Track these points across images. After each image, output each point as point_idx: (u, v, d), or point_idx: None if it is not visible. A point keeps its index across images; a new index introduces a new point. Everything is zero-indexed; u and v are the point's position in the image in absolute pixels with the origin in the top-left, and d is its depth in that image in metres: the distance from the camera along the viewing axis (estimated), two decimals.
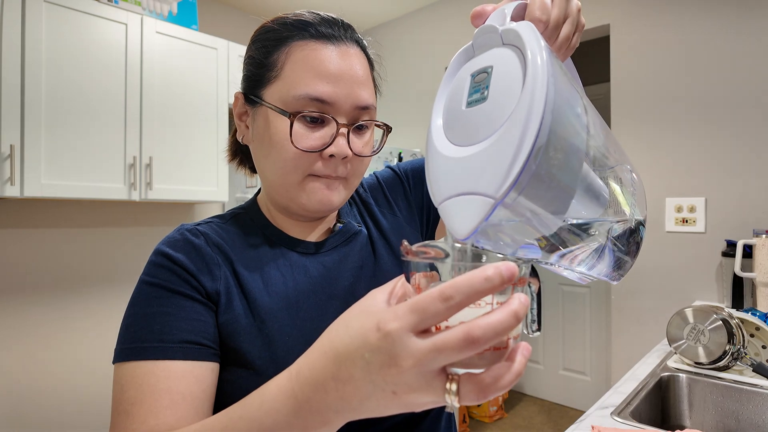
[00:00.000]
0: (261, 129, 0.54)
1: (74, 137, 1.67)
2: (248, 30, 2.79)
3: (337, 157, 0.52)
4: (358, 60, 0.54)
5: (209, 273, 0.51)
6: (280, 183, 0.54)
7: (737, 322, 1.02)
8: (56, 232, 1.92)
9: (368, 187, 0.71)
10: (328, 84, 0.51)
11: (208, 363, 0.47)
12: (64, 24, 1.65)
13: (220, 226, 0.57)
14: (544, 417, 2.87)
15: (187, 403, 0.44)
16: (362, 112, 0.53)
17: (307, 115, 0.50)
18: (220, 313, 0.50)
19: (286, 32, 0.53)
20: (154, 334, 0.46)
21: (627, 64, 1.95)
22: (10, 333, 1.80)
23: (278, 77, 0.52)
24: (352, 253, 0.60)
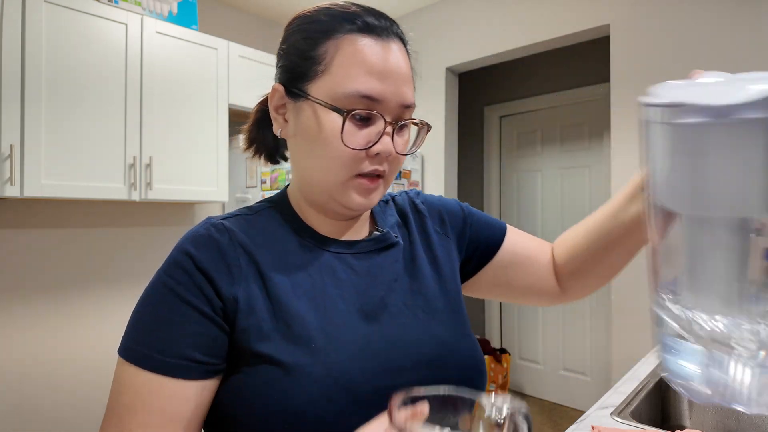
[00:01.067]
0: (306, 125, 0.52)
1: (74, 137, 1.67)
2: (248, 30, 2.80)
3: (382, 156, 0.52)
4: (402, 56, 0.53)
5: (229, 277, 0.49)
6: (323, 180, 0.53)
7: None
8: (56, 232, 1.92)
9: (426, 201, 0.70)
10: (377, 81, 0.50)
11: (202, 382, 0.47)
12: (64, 24, 1.65)
13: (247, 221, 0.55)
14: (544, 417, 2.87)
15: (175, 424, 0.46)
16: (406, 111, 0.53)
17: (358, 113, 0.49)
18: (240, 319, 0.48)
19: (335, 24, 0.51)
20: (157, 343, 0.46)
21: (627, 64, 1.95)
22: (9, 333, 1.80)
23: (326, 71, 0.50)
24: (386, 264, 0.58)
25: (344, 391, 0.47)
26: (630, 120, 1.93)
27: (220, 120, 2.12)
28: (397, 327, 0.54)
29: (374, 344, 0.51)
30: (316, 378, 0.46)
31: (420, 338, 0.54)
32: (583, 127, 2.97)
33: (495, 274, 0.69)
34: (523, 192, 3.26)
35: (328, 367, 0.47)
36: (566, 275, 0.68)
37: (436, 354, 0.54)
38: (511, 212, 3.31)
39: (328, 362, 0.48)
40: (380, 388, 0.48)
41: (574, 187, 3.01)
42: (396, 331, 0.53)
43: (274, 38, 2.79)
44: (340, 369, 0.48)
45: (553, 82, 3.08)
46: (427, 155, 2.69)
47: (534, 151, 3.20)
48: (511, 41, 2.31)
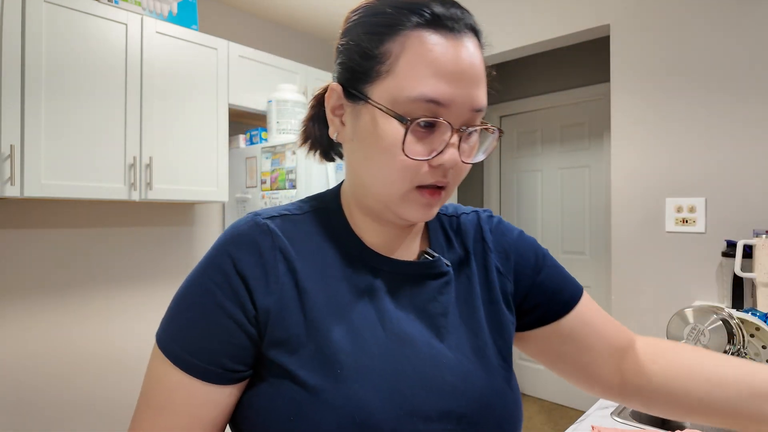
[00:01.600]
0: (365, 131, 0.48)
1: (74, 137, 1.67)
2: (248, 30, 2.80)
3: (446, 166, 0.47)
4: (476, 53, 0.47)
5: (266, 285, 0.47)
6: (381, 191, 0.49)
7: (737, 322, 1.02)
8: (56, 232, 1.92)
9: (497, 231, 0.62)
10: (447, 83, 0.44)
11: (229, 387, 0.47)
12: (64, 24, 1.65)
13: (293, 222, 0.52)
14: (544, 417, 2.87)
15: (202, 427, 0.46)
16: (476, 115, 0.47)
17: (422, 121, 0.45)
18: (271, 330, 0.47)
19: (401, 17, 0.45)
20: (190, 345, 0.46)
21: (627, 64, 1.95)
22: (9, 333, 1.80)
23: (390, 72, 0.45)
24: (435, 294, 0.53)
25: (362, 428, 0.44)
26: (630, 120, 1.94)
27: (220, 120, 2.12)
28: (434, 369, 0.49)
29: (404, 383, 0.47)
30: (334, 407, 0.44)
31: (458, 387, 0.49)
32: (583, 127, 2.97)
33: (548, 342, 0.60)
34: (523, 192, 3.26)
35: (349, 399, 0.45)
36: (649, 392, 0.57)
37: (472, 409, 0.49)
38: (511, 212, 3.31)
39: (350, 393, 0.45)
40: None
41: (574, 187, 3.01)
42: (432, 372, 0.48)
43: (274, 38, 2.79)
44: (361, 403, 0.45)
45: (553, 82, 3.08)
46: None
47: (534, 151, 3.20)
48: (511, 41, 2.31)
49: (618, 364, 0.59)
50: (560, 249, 3.06)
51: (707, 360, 0.55)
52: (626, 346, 0.60)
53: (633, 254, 1.92)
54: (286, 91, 2.21)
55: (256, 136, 2.31)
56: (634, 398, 0.59)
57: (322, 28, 2.92)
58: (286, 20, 2.78)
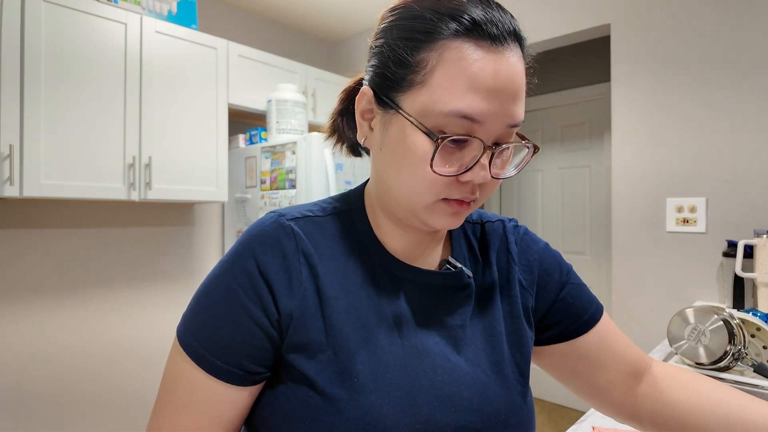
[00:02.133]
0: (394, 140, 0.46)
1: (74, 137, 1.67)
2: (248, 30, 2.80)
3: (474, 183, 0.45)
4: (518, 65, 0.44)
5: (289, 289, 0.47)
6: (407, 201, 0.48)
7: (738, 322, 1.02)
8: (55, 232, 1.92)
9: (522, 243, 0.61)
10: (482, 99, 0.42)
11: (249, 388, 0.48)
12: (64, 23, 1.65)
13: (317, 224, 0.52)
14: (544, 417, 2.87)
15: (221, 426, 0.47)
16: (511, 130, 0.46)
17: (453, 138, 0.43)
18: (292, 333, 0.47)
19: (440, 24, 0.43)
20: (212, 345, 0.46)
21: (628, 64, 1.94)
22: (9, 333, 1.79)
23: (424, 83, 0.43)
24: (455, 306, 0.53)
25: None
26: (631, 120, 1.93)
27: (219, 120, 2.11)
28: (451, 384, 0.48)
29: (420, 397, 0.46)
30: (349, 417, 0.44)
31: (474, 402, 0.48)
32: (583, 126, 2.97)
33: (563, 358, 0.59)
34: (523, 192, 3.26)
35: (365, 410, 0.44)
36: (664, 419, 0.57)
37: (487, 424, 0.48)
38: (512, 212, 3.31)
39: (366, 404, 0.45)
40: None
41: (575, 186, 3.00)
42: (448, 388, 0.48)
43: (274, 38, 2.78)
44: (376, 416, 0.44)
45: (553, 82, 3.08)
46: None
47: None
48: None
49: (632, 387, 0.59)
50: (560, 249, 3.06)
51: (730, 398, 0.54)
52: (642, 371, 0.60)
53: (634, 254, 1.92)
54: (285, 91, 2.21)
55: (256, 135, 2.30)
56: (646, 422, 0.58)
57: (322, 28, 2.92)
58: (286, 20, 2.78)
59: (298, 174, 1.98)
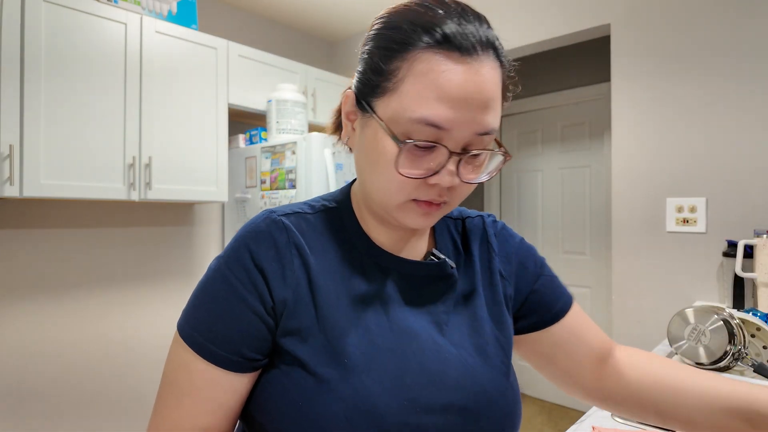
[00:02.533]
0: (369, 142, 0.50)
1: (73, 137, 1.67)
2: (248, 30, 2.80)
3: (441, 186, 0.48)
4: (490, 76, 0.46)
5: (282, 278, 0.50)
6: (381, 199, 0.51)
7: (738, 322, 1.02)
8: (55, 232, 1.92)
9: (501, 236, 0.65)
10: (449, 109, 0.44)
11: (248, 375, 0.50)
12: (64, 23, 1.65)
13: (307, 220, 0.55)
14: (544, 417, 2.87)
15: (222, 412, 0.49)
16: (480, 137, 0.47)
17: (417, 143, 0.46)
18: (285, 320, 0.50)
19: (413, 36, 0.46)
20: (212, 335, 0.49)
21: (628, 64, 1.94)
22: (9, 333, 1.79)
23: (395, 91, 0.46)
24: (440, 293, 0.56)
25: (365, 417, 0.46)
26: (631, 120, 1.93)
27: (219, 120, 2.11)
28: (438, 364, 0.51)
29: (409, 377, 0.49)
30: (341, 396, 0.46)
31: (460, 381, 0.51)
32: (583, 126, 2.97)
33: (537, 346, 0.64)
34: (523, 192, 3.26)
35: (356, 389, 0.47)
36: (623, 397, 0.62)
37: (473, 402, 0.51)
38: (512, 212, 3.31)
39: (356, 384, 0.47)
40: (404, 423, 0.47)
41: (575, 187, 3.00)
42: (436, 368, 0.51)
43: (274, 38, 2.78)
44: (367, 394, 0.47)
45: (553, 82, 3.08)
46: None
47: (534, 151, 3.20)
48: (511, 41, 2.31)
49: (598, 370, 0.63)
50: (560, 249, 3.06)
51: (681, 373, 0.59)
52: (606, 354, 0.64)
53: (634, 254, 1.92)
54: (285, 91, 2.21)
55: (256, 135, 2.30)
56: (610, 403, 0.63)
57: (322, 28, 2.92)
58: (286, 19, 2.78)
59: (298, 174, 1.98)
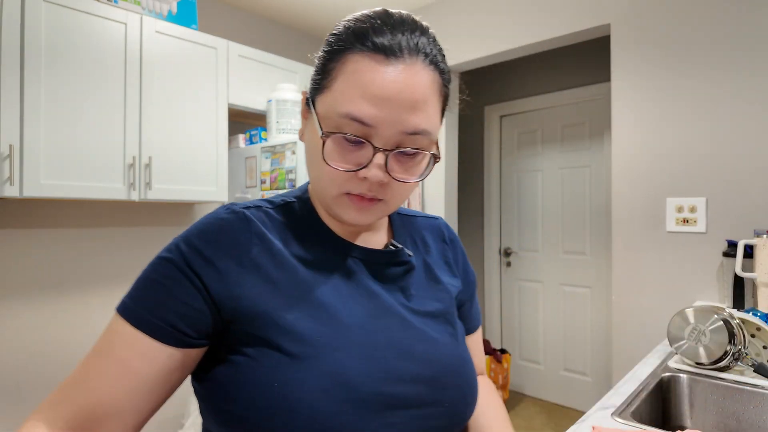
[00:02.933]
0: (309, 136, 0.55)
1: (73, 137, 1.67)
2: (248, 30, 2.80)
3: (371, 181, 0.51)
4: (418, 79, 0.49)
5: (239, 265, 0.51)
6: (319, 192, 0.55)
7: (738, 322, 1.02)
8: (55, 232, 1.92)
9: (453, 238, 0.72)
10: (372, 106, 0.48)
11: (173, 349, 0.49)
12: (64, 23, 1.65)
13: (267, 213, 0.57)
14: (544, 417, 2.87)
15: (131, 379, 0.48)
16: (411, 137, 0.50)
17: (343, 136, 0.49)
18: (248, 305, 0.50)
19: (346, 41, 0.51)
20: (146, 302, 0.49)
21: (628, 64, 1.94)
22: (9, 333, 1.79)
23: (329, 88, 0.51)
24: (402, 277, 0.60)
25: (341, 389, 0.48)
26: (631, 119, 1.93)
27: (219, 119, 2.11)
28: (406, 339, 0.54)
29: (380, 351, 0.52)
30: (317, 372, 0.48)
31: (426, 355, 0.55)
32: (583, 126, 2.97)
33: None
34: (523, 192, 3.26)
35: (330, 363, 0.48)
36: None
37: (438, 374, 0.54)
38: (512, 212, 3.31)
39: (331, 359, 0.49)
40: (378, 393, 0.49)
41: (575, 187, 3.00)
42: (404, 343, 0.54)
43: (274, 38, 2.78)
44: (342, 366, 0.49)
45: (554, 81, 3.08)
46: None
47: (534, 151, 3.20)
48: (511, 41, 2.31)
49: None
50: (560, 249, 3.06)
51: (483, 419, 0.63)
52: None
53: (634, 254, 1.92)
54: (285, 91, 2.21)
55: (256, 135, 2.30)
56: None
57: (322, 28, 2.92)
58: (286, 19, 2.78)
59: (298, 174, 1.98)
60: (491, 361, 2.85)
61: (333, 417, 0.47)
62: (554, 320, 3.08)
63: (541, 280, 3.15)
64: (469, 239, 3.52)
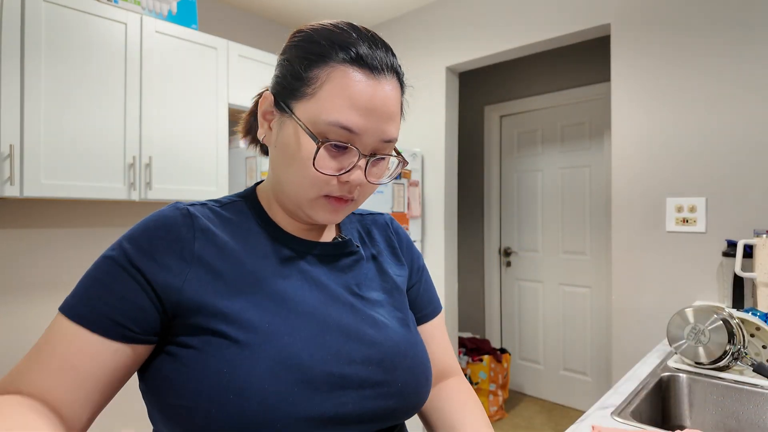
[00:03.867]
0: (286, 140, 0.55)
1: (74, 137, 1.67)
2: (248, 29, 2.80)
3: (352, 184, 0.55)
4: (393, 94, 0.55)
5: (181, 260, 0.51)
6: (294, 194, 0.56)
7: (737, 322, 1.02)
8: (56, 232, 1.92)
9: (397, 230, 0.75)
10: (360, 116, 0.52)
11: (117, 344, 0.49)
12: (64, 23, 1.65)
13: (213, 211, 0.58)
14: (544, 417, 2.87)
15: (72, 375, 0.47)
16: (384, 144, 0.55)
17: (334, 143, 0.52)
18: (191, 297, 0.50)
19: (331, 51, 0.53)
20: (86, 299, 0.49)
21: (628, 64, 1.94)
22: (9, 333, 1.80)
23: (313, 96, 0.53)
24: (350, 267, 0.62)
25: (291, 371, 0.49)
26: (631, 119, 1.93)
27: (219, 119, 2.11)
28: (356, 324, 0.56)
29: (329, 335, 0.53)
30: (266, 355, 0.49)
31: (376, 339, 0.56)
32: (583, 126, 2.97)
33: None
34: (523, 192, 3.26)
35: (279, 348, 0.50)
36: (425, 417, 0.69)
37: (389, 354, 0.56)
38: (512, 212, 3.31)
39: (279, 344, 0.50)
40: (328, 374, 0.51)
41: (575, 186, 3.00)
42: (354, 327, 0.56)
43: (273, 38, 2.78)
44: (291, 350, 0.50)
45: (553, 81, 3.08)
46: (427, 155, 2.68)
47: (534, 151, 3.20)
48: (511, 41, 2.31)
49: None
50: (560, 249, 3.06)
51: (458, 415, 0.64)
52: (445, 377, 0.71)
53: (633, 254, 1.92)
54: None
55: None
56: (422, 414, 0.68)
57: None
58: (286, 19, 2.78)
59: None
60: (491, 360, 2.85)
61: (284, 398, 0.47)
62: (554, 320, 3.08)
63: (541, 280, 3.15)
64: (469, 239, 3.52)
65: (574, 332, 2.99)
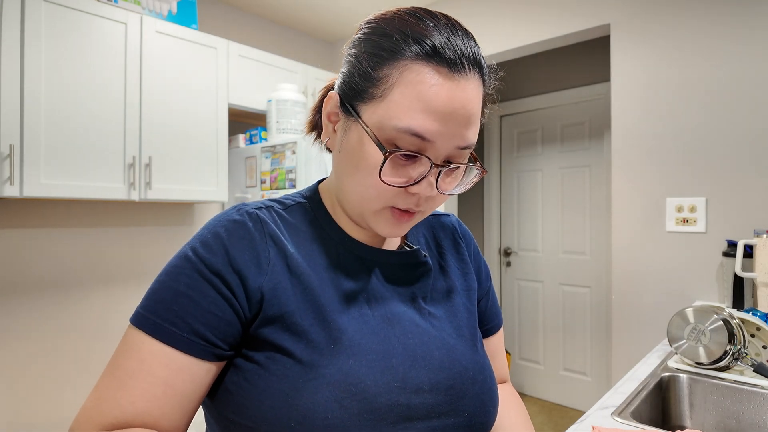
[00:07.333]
0: (351, 146, 0.49)
1: (74, 137, 1.67)
2: (248, 29, 2.80)
3: (421, 196, 0.49)
4: (474, 94, 0.47)
5: (257, 267, 0.48)
6: (358, 203, 0.51)
7: (738, 322, 1.02)
8: (55, 232, 1.92)
9: (465, 234, 0.69)
10: (434, 121, 0.45)
11: (208, 363, 0.47)
12: (64, 23, 1.65)
13: (279, 213, 0.55)
14: (544, 417, 2.87)
15: (176, 399, 0.46)
16: (461, 151, 0.49)
17: (403, 152, 0.46)
18: (264, 308, 0.48)
19: (404, 45, 0.46)
20: (170, 315, 0.46)
21: (627, 64, 1.94)
22: (9, 333, 1.79)
23: (383, 98, 0.46)
24: (417, 280, 0.58)
25: (357, 400, 0.46)
26: (631, 119, 1.93)
27: (219, 119, 2.11)
28: (422, 346, 0.52)
29: (396, 359, 0.50)
30: (330, 381, 0.46)
31: (444, 363, 0.52)
32: (583, 126, 2.97)
33: None
34: (523, 192, 3.26)
35: (345, 373, 0.47)
36: None
37: (457, 381, 0.52)
38: (512, 212, 3.31)
39: (345, 367, 0.47)
40: (394, 403, 0.47)
41: (575, 186, 3.00)
42: (420, 350, 0.52)
43: (274, 38, 2.78)
44: (357, 375, 0.47)
45: (553, 81, 3.08)
46: None
47: (534, 151, 3.20)
48: (511, 41, 2.31)
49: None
50: (560, 249, 3.06)
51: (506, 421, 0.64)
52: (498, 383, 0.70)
53: (633, 254, 1.92)
54: (285, 91, 2.21)
55: (256, 135, 2.30)
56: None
57: (322, 28, 2.92)
58: (286, 20, 2.78)
59: (298, 174, 1.98)
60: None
61: (348, 430, 0.45)
62: (554, 320, 3.08)
63: (540, 280, 3.15)
64: None
65: (574, 332, 2.98)
